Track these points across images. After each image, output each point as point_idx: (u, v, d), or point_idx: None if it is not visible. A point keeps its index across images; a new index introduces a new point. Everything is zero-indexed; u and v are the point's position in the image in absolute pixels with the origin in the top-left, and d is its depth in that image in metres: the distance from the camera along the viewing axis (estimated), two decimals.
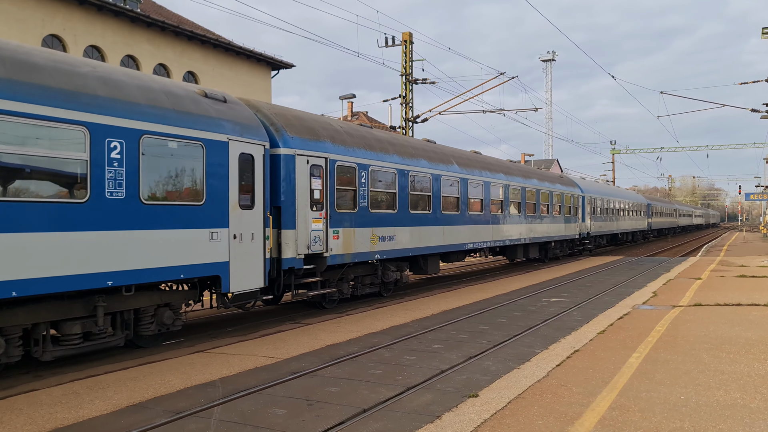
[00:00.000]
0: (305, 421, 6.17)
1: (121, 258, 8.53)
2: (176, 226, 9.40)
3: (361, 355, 9.09)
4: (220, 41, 35.11)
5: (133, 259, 8.70)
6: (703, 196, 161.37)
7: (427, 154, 17.69)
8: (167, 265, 9.20)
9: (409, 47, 32.08)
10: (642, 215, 49.02)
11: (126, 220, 8.60)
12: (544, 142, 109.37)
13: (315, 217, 12.43)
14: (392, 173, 15.39)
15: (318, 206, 12.50)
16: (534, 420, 6.02)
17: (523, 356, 8.90)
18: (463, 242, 18.93)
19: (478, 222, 20.08)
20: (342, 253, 13.30)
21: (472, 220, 19.61)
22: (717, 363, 8.28)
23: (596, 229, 34.39)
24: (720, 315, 12.22)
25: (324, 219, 12.65)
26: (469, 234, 19.33)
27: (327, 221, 12.72)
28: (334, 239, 12.97)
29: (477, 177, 20.16)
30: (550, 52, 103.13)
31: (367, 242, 14.15)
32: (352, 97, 36.82)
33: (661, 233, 63.77)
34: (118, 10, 29.34)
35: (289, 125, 12.32)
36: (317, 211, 12.51)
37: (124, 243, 8.58)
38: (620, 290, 16.94)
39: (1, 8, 25.39)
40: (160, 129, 9.20)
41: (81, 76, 8.37)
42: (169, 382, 7.64)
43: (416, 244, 16.25)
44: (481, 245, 20.36)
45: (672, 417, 6.07)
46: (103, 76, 8.75)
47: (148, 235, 8.94)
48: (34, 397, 7.06)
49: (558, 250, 29.39)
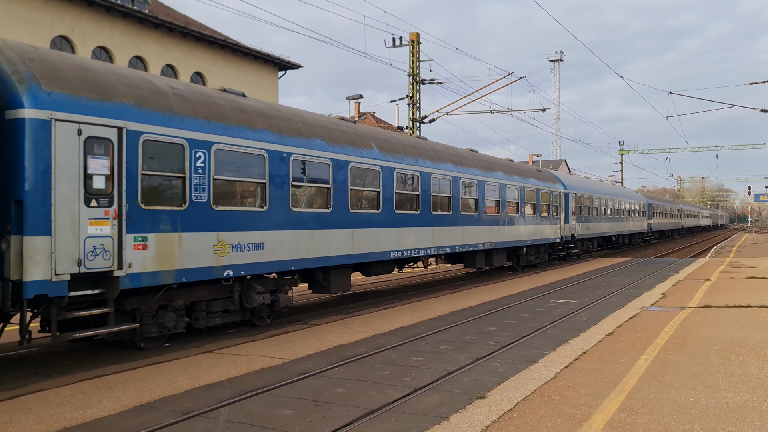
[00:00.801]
0: (312, 422, 6.17)
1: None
2: None
3: (369, 356, 9.08)
4: (228, 42, 35.22)
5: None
6: (712, 197, 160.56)
7: (328, 132, 13.19)
8: None
9: (416, 48, 32.07)
10: (641, 216, 45.76)
11: None
12: (552, 143, 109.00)
13: (94, 217, 8.34)
14: (259, 156, 11.06)
15: (102, 200, 8.43)
16: (542, 422, 5.99)
17: (531, 358, 8.87)
18: (386, 249, 14.58)
19: (412, 223, 15.73)
20: (156, 270, 9.11)
21: (402, 221, 15.28)
22: (726, 365, 8.22)
23: (583, 231, 30.50)
24: (729, 317, 12.14)
25: (114, 220, 8.56)
26: (396, 239, 14.97)
27: (121, 223, 8.63)
28: (137, 250, 8.83)
29: (410, 167, 15.77)
30: (558, 52, 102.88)
31: (209, 253, 10.00)
32: (359, 98, 36.89)
33: (663, 235, 60.21)
34: (126, 11, 29.47)
35: (49, 75, 8.18)
36: (100, 208, 8.41)
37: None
38: (629, 291, 16.86)
39: (10, 10, 25.56)
40: None
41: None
42: (176, 383, 7.65)
43: (304, 254, 12.00)
44: (417, 252, 16.03)
45: (681, 419, 6.03)
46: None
47: None
48: (43, 397, 7.09)
49: (533, 256, 25.12)
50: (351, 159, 13.47)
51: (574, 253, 29.99)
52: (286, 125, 12.06)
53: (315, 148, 12.48)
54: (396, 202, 15.06)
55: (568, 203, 28.02)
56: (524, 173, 24.04)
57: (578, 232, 29.48)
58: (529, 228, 23.57)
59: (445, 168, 17.59)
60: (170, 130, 9.46)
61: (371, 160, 14.23)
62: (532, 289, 17.61)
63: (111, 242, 8.52)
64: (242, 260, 10.64)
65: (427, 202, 16.42)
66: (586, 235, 30.97)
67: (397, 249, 15.03)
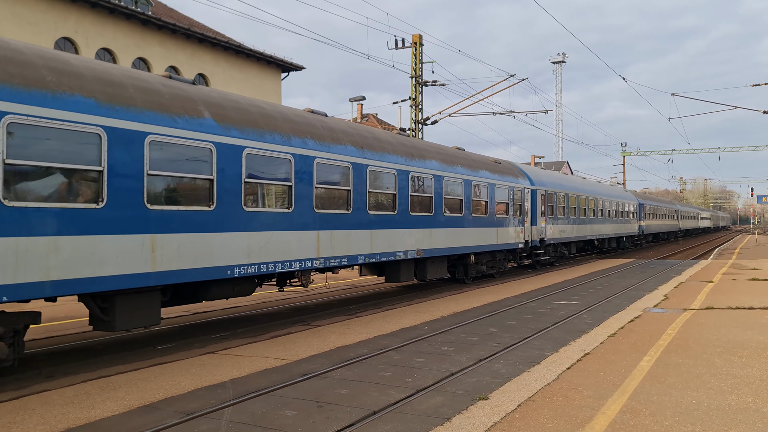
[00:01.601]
0: (315, 422, 6.19)
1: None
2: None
3: (371, 357, 9.10)
4: (231, 44, 35.29)
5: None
6: (714, 199, 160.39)
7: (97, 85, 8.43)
8: None
9: (418, 49, 32.11)
10: (631, 217, 41.94)
11: None
12: (554, 144, 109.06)
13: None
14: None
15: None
16: (544, 423, 6.00)
17: (534, 359, 8.88)
18: (226, 264, 9.95)
19: (278, 226, 11.09)
20: None
21: (264, 222, 10.78)
22: (729, 367, 8.22)
23: (556, 235, 26.05)
24: (732, 318, 12.13)
25: None
26: (255, 247, 10.53)
27: None
28: None
29: (277, 149, 11.03)
30: (560, 54, 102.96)
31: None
32: (361, 99, 36.88)
33: (658, 238, 55.67)
34: (129, 12, 29.56)
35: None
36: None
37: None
38: (631, 293, 16.86)
39: (14, 11, 25.65)
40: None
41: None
42: (179, 383, 7.68)
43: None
44: (290, 266, 11.35)
45: (684, 421, 6.03)
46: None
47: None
48: (47, 398, 7.12)
49: (485, 265, 20.65)
50: (165, 136, 9.02)
51: (544, 260, 25.73)
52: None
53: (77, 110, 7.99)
54: (263, 198, 11.05)
55: (536, 202, 23.78)
56: (473, 164, 19.37)
57: (550, 236, 25.26)
58: (479, 231, 19.11)
59: (343, 153, 12.98)
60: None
61: (193, 134, 9.55)
62: (533, 290, 17.60)
63: None
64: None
65: (307, 198, 11.78)
66: (560, 239, 26.77)
67: (251, 262, 10.53)
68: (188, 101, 9.81)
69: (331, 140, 12.84)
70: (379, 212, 14.14)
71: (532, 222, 23.53)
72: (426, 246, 16.07)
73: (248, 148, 10.57)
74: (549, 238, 25.21)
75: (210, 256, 9.75)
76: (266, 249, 10.90)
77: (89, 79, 8.37)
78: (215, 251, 9.84)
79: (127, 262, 8.47)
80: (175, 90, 9.81)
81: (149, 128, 8.85)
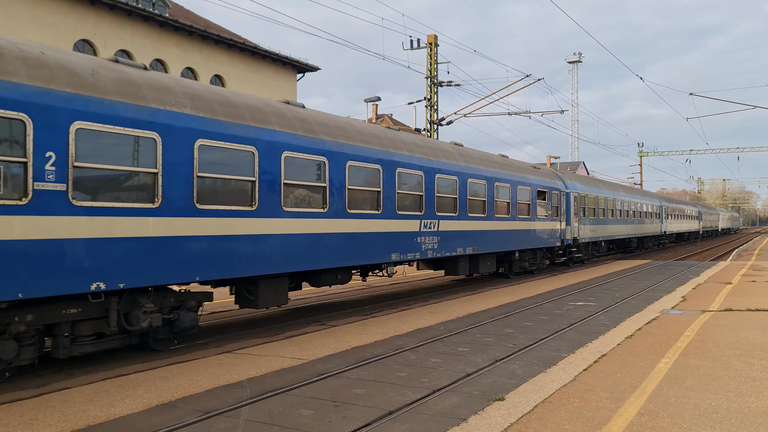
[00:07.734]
0: (331, 422, 6.21)
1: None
2: None
3: (387, 357, 9.11)
4: (247, 45, 35.50)
5: None
6: (733, 199, 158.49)
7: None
8: None
9: (433, 50, 32.09)
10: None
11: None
12: (570, 144, 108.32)
13: None
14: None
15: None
16: (561, 424, 5.99)
17: (550, 360, 8.84)
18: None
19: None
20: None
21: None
22: (748, 369, 8.14)
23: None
24: (751, 320, 12.00)
25: None
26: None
27: None
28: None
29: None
30: (576, 54, 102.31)
31: None
32: (377, 100, 36.95)
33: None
34: (147, 15, 29.83)
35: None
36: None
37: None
38: (648, 294, 16.72)
39: (33, 14, 25.99)
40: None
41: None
42: (197, 382, 7.74)
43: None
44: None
45: (702, 423, 5.99)
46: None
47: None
48: (67, 395, 7.21)
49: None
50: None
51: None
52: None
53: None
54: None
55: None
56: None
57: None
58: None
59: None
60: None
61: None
62: (550, 291, 17.53)
63: None
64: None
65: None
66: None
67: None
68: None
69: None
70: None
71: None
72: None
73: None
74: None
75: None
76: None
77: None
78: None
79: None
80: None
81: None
